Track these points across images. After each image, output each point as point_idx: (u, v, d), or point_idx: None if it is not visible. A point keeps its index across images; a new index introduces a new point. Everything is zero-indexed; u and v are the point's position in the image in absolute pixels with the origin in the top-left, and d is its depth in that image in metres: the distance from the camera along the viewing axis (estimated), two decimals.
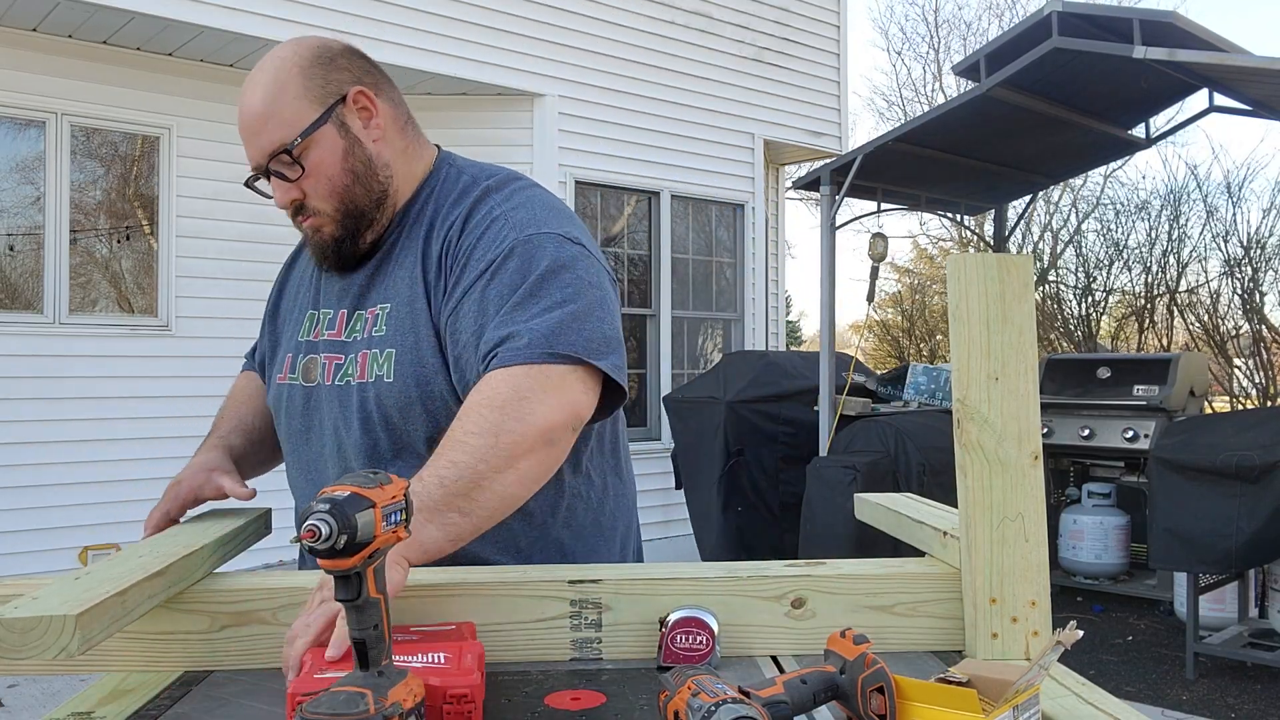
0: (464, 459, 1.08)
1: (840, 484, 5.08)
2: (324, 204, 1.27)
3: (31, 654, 0.83)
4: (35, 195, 5.49)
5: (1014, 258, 1.08)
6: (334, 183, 1.26)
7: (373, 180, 1.28)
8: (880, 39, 36.19)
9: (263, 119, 1.24)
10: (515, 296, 1.18)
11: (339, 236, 1.29)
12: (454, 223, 1.26)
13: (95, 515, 5.38)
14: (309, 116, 1.24)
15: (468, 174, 1.34)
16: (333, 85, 1.27)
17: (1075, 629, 0.79)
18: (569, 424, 1.16)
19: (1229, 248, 9.59)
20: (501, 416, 1.10)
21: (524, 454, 1.11)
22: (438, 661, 0.92)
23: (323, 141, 1.25)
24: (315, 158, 1.25)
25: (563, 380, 1.15)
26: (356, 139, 1.27)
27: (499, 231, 1.23)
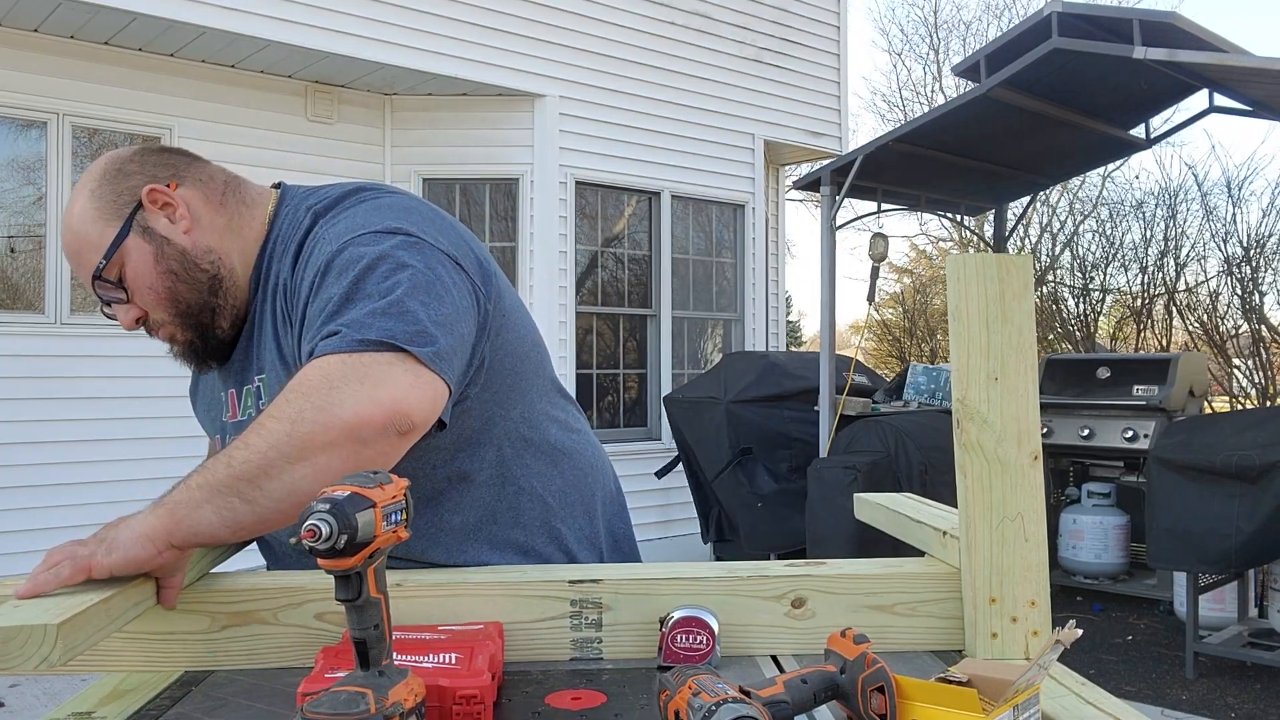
0: (258, 443, 1.00)
1: (841, 484, 5.08)
2: (160, 313, 1.24)
3: (12, 664, 0.82)
4: (37, 195, 5.49)
5: (1014, 258, 1.08)
6: (156, 290, 1.23)
7: (195, 272, 1.24)
8: (880, 39, 36.23)
9: (75, 252, 1.23)
10: (333, 306, 1.10)
11: (190, 338, 1.26)
12: (283, 268, 1.23)
13: (95, 515, 5.35)
14: (108, 235, 1.21)
15: (302, 208, 1.28)
16: (124, 195, 1.23)
17: (1074, 628, 0.79)
18: (387, 422, 1.02)
19: (1228, 247, 9.59)
20: (304, 404, 1.01)
21: (323, 447, 1.01)
22: (448, 662, 0.92)
23: (130, 254, 1.22)
24: (129, 272, 1.22)
25: (382, 371, 1.03)
26: (164, 239, 1.23)
27: (319, 253, 1.17)
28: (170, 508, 1.01)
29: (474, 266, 1.23)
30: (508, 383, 1.28)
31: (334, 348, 1.05)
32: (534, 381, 1.33)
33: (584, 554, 1.35)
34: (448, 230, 1.23)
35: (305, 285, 1.17)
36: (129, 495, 5.46)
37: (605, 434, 6.96)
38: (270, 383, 1.24)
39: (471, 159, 6.56)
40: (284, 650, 1.08)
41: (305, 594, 1.08)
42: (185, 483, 1.03)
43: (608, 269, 7.21)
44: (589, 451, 1.41)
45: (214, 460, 1.03)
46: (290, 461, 1.00)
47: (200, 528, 1.00)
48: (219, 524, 1.00)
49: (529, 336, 1.34)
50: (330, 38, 5.73)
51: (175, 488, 1.03)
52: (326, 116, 6.34)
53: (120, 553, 0.98)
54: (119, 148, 1.42)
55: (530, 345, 1.34)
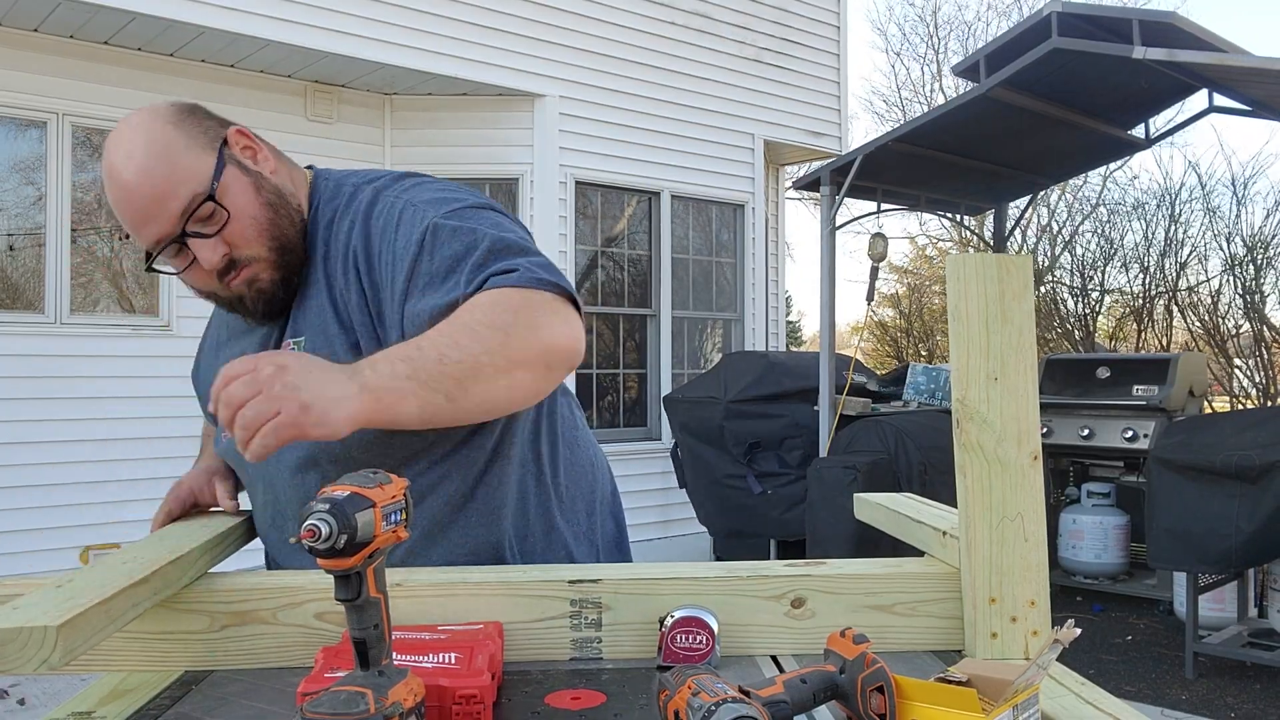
0: (471, 346, 1.02)
1: (841, 484, 5.08)
2: (256, 248, 1.19)
3: (11, 665, 0.81)
4: (36, 195, 5.49)
5: (1013, 258, 1.08)
6: (259, 220, 1.19)
7: (289, 209, 1.23)
8: (879, 40, 36.22)
9: (162, 183, 1.14)
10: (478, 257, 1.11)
11: (274, 280, 1.22)
12: (353, 230, 1.21)
13: (95, 515, 5.38)
14: (206, 163, 1.17)
15: (346, 184, 1.29)
16: (210, 131, 1.20)
17: (1073, 628, 0.79)
18: (569, 354, 1.10)
19: (1231, 247, 9.58)
20: (513, 319, 1.05)
21: (523, 364, 1.06)
22: (448, 662, 0.92)
23: (232, 184, 1.18)
24: (233, 200, 1.17)
25: (565, 310, 1.11)
26: (258, 173, 1.22)
27: (413, 215, 1.17)
28: (377, 395, 0.98)
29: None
30: None
31: (521, 281, 1.07)
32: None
33: (580, 550, 1.35)
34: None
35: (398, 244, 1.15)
36: (129, 495, 5.49)
37: (605, 434, 6.97)
38: (310, 347, 1.20)
39: (471, 159, 6.55)
40: (284, 650, 1.08)
41: (305, 594, 1.08)
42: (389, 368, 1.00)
43: (607, 269, 7.21)
44: (590, 450, 1.42)
45: (417, 350, 1.02)
46: (498, 370, 1.04)
47: (400, 418, 1.01)
48: (418, 417, 1.02)
49: None
50: (330, 38, 5.73)
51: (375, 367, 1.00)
52: (326, 116, 6.34)
53: (329, 429, 0.95)
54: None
55: None
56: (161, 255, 1.19)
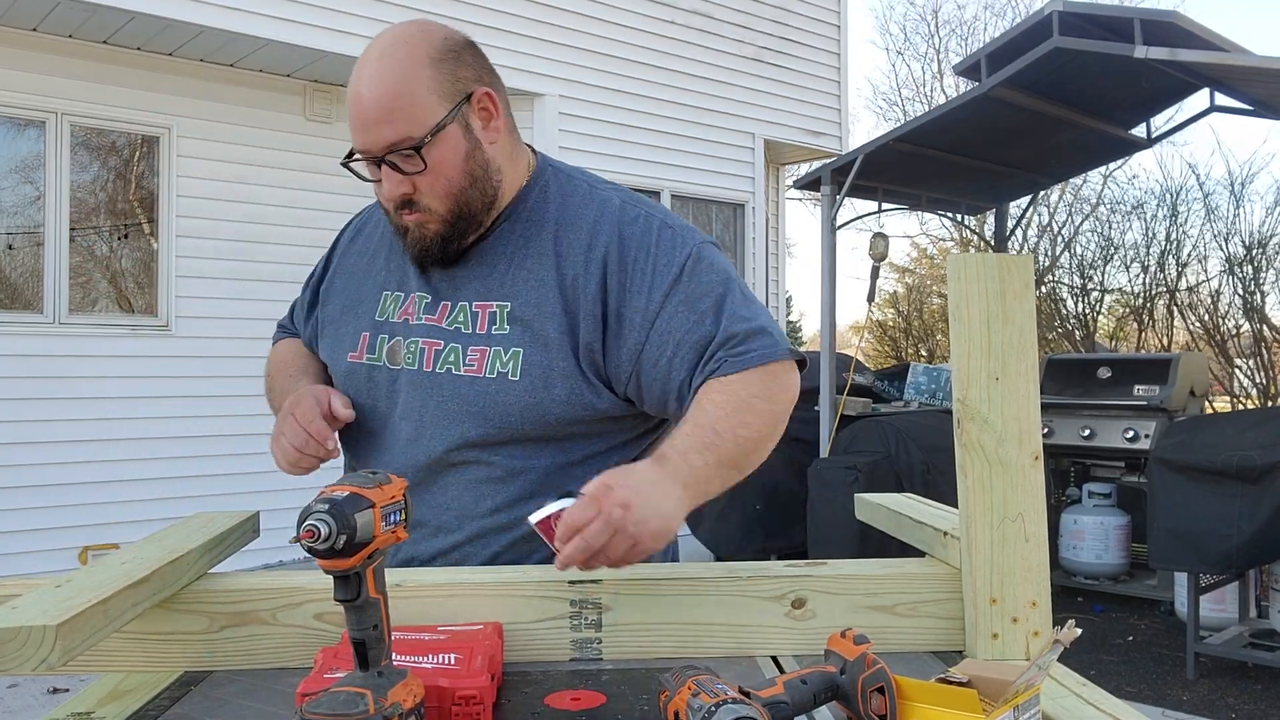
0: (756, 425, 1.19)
1: (842, 484, 5.08)
2: (437, 203, 1.23)
3: (10, 665, 0.81)
4: (35, 195, 5.49)
5: (1014, 258, 1.08)
6: (451, 184, 1.22)
7: (487, 184, 1.26)
8: (881, 39, 36.26)
9: (389, 109, 1.18)
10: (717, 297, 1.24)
11: (445, 236, 1.25)
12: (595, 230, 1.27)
13: (95, 515, 5.38)
14: (438, 114, 1.20)
15: (575, 177, 1.35)
16: (460, 83, 1.22)
17: (1073, 628, 0.79)
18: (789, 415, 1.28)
19: (1230, 246, 9.57)
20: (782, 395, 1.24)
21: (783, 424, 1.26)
22: (448, 663, 0.92)
23: (447, 141, 1.21)
24: (438, 156, 1.20)
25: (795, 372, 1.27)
26: (478, 141, 1.24)
27: (671, 239, 1.27)
28: (697, 485, 1.13)
29: None
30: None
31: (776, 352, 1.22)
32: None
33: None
34: None
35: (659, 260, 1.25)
36: (129, 495, 5.49)
37: None
38: (519, 315, 1.24)
39: None
40: (283, 650, 1.08)
41: (304, 594, 1.08)
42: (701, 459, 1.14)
43: None
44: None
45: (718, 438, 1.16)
46: (769, 439, 1.22)
47: (707, 497, 1.16)
48: (717, 490, 1.18)
49: None
50: (330, 37, 5.73)
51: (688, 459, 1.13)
52: (325, 116, 6.33)
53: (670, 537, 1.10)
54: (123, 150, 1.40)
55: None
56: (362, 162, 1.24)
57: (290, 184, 6.18)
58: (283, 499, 3.93)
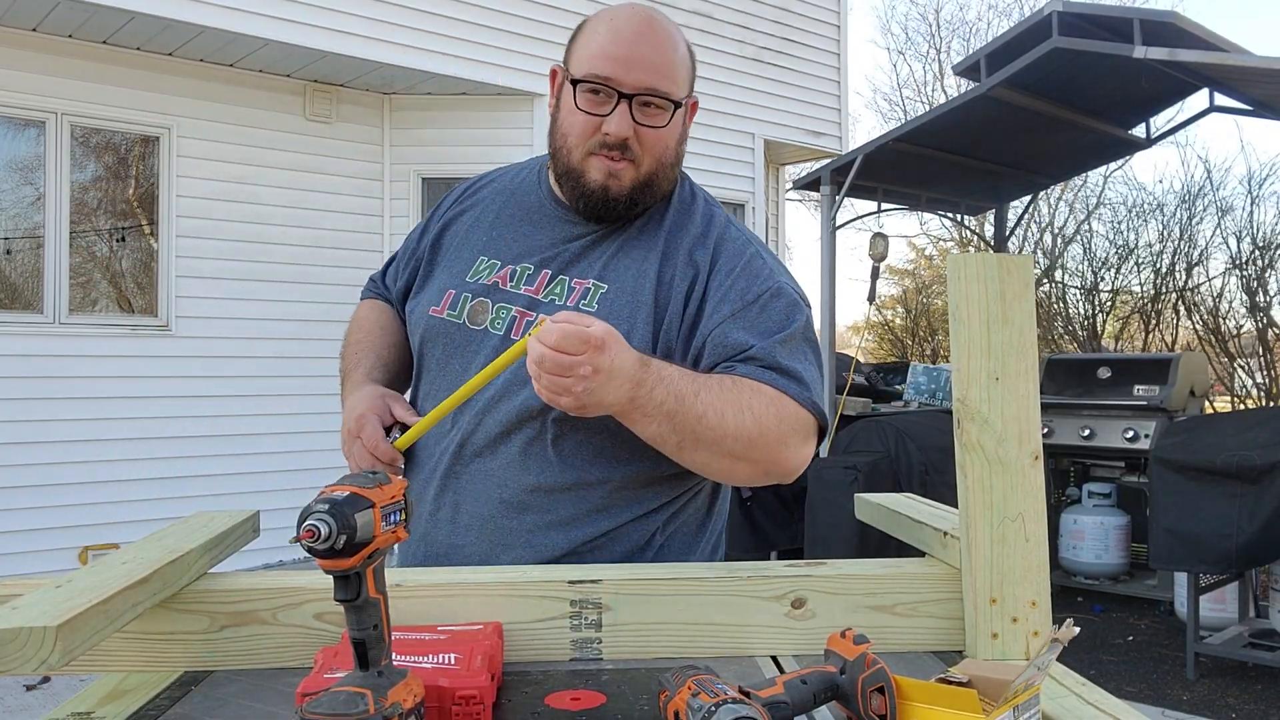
0: (730, 425, 1.17)
1: (841, 484, 5.08)
2: (648, 159, 1.30)
3: (10, 666, 0.81)
4: (35, 195, 5.49)
5: (1014, 258, 1.08)
6: (667, 152, 1.32)
7: (675, 170, 1.36)
8: (882, 38, 36.28)
9: (665, 63, 1.29)
10: (783, 335, 1.26)
11: (629, 195, 1.31)
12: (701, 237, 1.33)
13: (95, 515, 5.38)
14: (685, 90, 1.33)
15: (699, 195, 1.41)
16: (691, 82, 1.36)
17: (1071, 627, 0.79)
18: (786, 474, 1.25)
19: (1241, 246, 9.54)
20: (775, 428, 1.20)
21: (751, 462, 1.21)
22: (448, 662, 0.92)
23: (679, 117, 1.32)
24: (671, 125, 1.31)
25: (810, 439, 1.26)
26: (685, 134, 1.37)
27: (758, 269, 1.31)
28: (635, 407, 1.14)
29: None
30: None
31: (803, 398, 1.23)
32: None
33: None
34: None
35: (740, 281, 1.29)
36: (129, 495, 5.49)
37: None
38: (612, 297, 1.28)
39: (470, 158, 6.54)
40: (283, 650, 1.08)
41: (304, 594, 1.08)
42: (663, 397, 1.14)
43: None
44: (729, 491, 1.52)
45: (694, 397, 1.16)
46: (728, 454, 1.19)
47: (637, 428, 1.17)
48: (650, 437, 1.18)
49: None
50: (329, 37, 5.73)
51: (653, 392, 1.14)
52: (325, 116, 6.33)
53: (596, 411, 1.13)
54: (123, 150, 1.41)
55: None
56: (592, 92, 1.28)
57: (290, 184, 6.18)
58: (283, 499, 3.94)
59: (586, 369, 1.07)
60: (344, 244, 6.39)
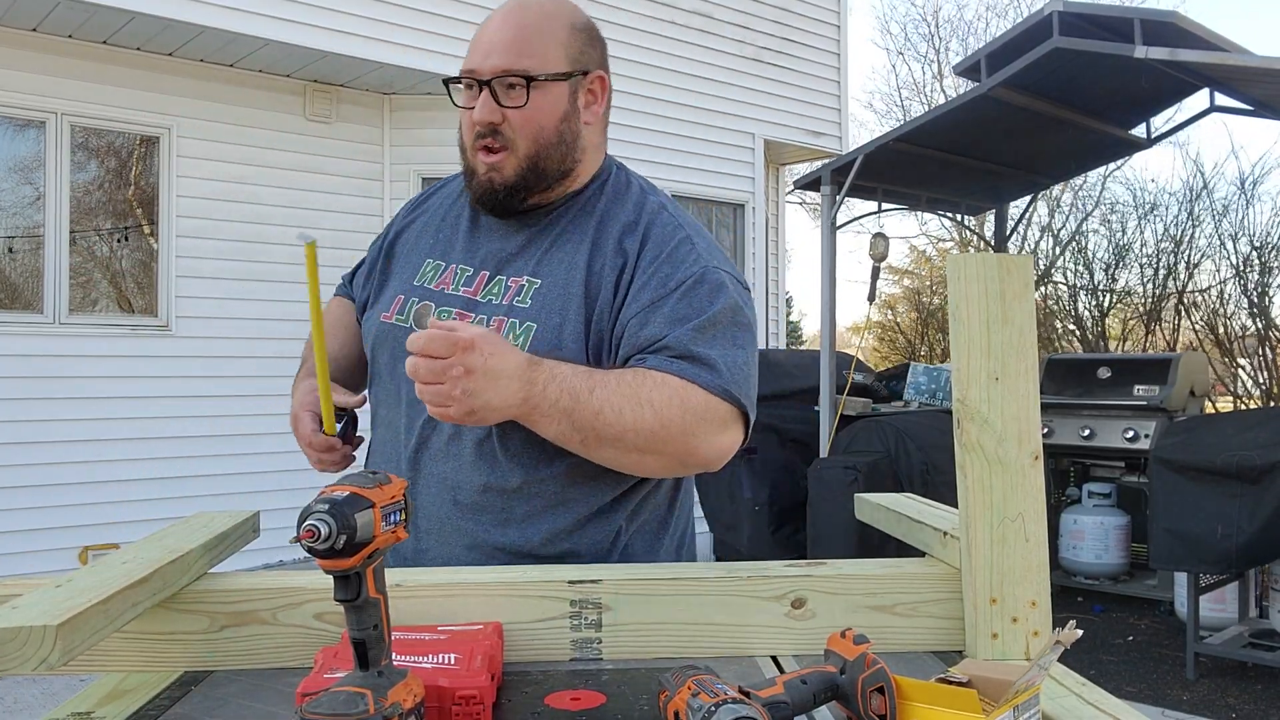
0: (628, 420, 1.15)
1: (841, 484, 5.08)
2: (522, 143, 1.29)
3: (10, 665, 0.81)
4: (35, 195, 5.49)
5: (1014, 258, 1.08)
6: (542, 132, 1.29)
7: (569, 153, 1.32)
8: (881, 39, 36.30)
9: (517, 40, 1.27)
10: (700, 320, 1.23)
11: (513, 184, 1.30)
12: (632, 224, 1.31)
13: (95, 515, 5.38)
14: (558, 66, 1.29)
15: (635, 182, 1.39)
16: (585, 57, 1.32)
17: (1074, 629, 0.79)
18: (707, 464, 1.23)
19: (1239, 248, 9.55)
20: (679, 417, 1.17)
21: (662, 454, 1.19)
22: (448, 662, 0.92)
23: (553, 93, 1.28)
24: (540, 101, 1.27)
25: (729, 427, 1.23)
26: (577, 111, 1.32)
27: (686, 254, 1.28)
28: (532, 408, 1.14)
29: None
30: None
31: (713, 387, 1.20)
32: None
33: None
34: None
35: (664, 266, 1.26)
36: (128, 495, 5.49)
37: None
38: (544, 292, 1.28)
39: None
40: (283, 650, 1.08)
41: (304, 594, 1.08)
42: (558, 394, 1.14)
43: None
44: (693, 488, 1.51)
45: (589, 394, 1.15)
46: (634, 449, 1.17)
47: (539, 429, 1.17)
48: (554, 437, 1.18)
49: None
50: (329, 37, 5.73)
51: (548, 382, 1.14)
52: (325, 116, 6.33)
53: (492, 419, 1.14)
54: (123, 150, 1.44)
55: None
56: (467, 87, 1.30)
57: (290, 184, 6.18)
58: (283, 499, 3.93)
59: (458, 369, 1.08)
60: (344, 244, 6.36)
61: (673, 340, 1.21)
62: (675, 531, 1.40)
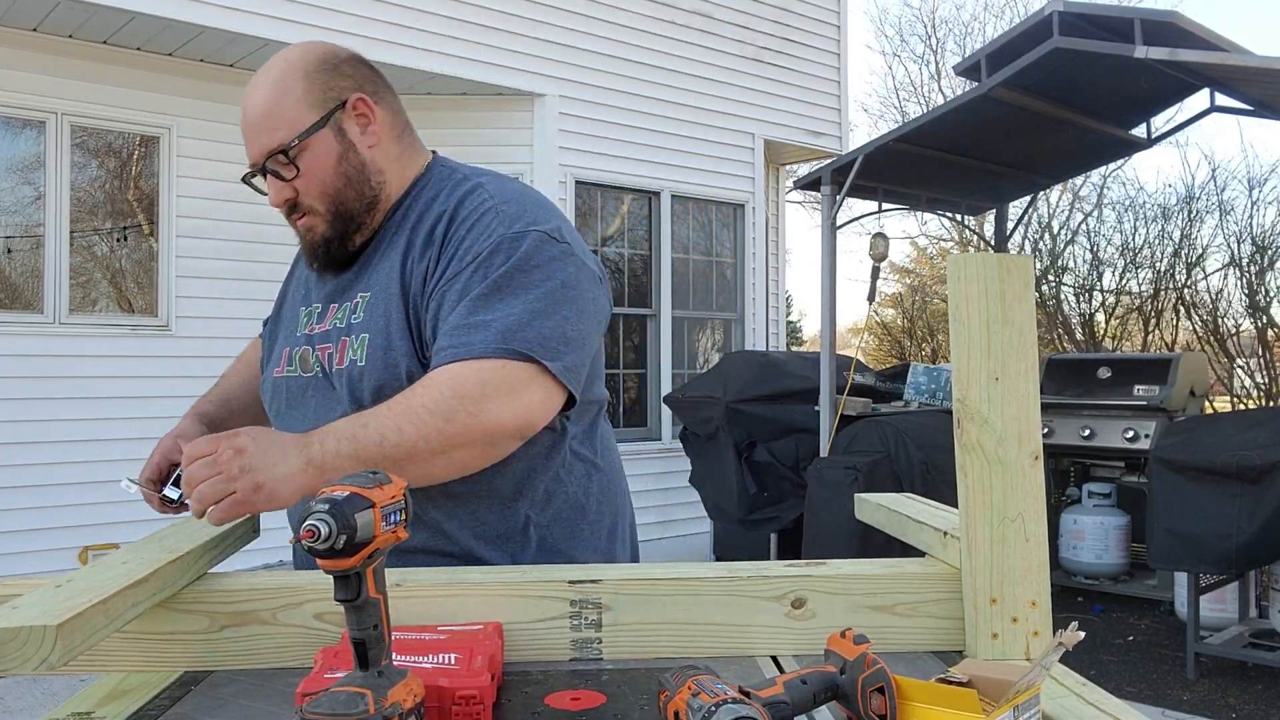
0: (410, 432, 1.12)
1: (841, 484, 5.08)
2: (318, 203, 1.31)
3: (10, 665, 0.81)
4: (35, 195, 5.49)
5: (1014, 258, 1.08)
6: (326, 185, 1.30)
7: (364, 185, 1.32)
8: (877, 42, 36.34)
9: (264, 119, 1.29)
10: (484, 287, 1.20)
11: (329, 237, 1.33)
12: (444, 212, 1.29)
13: (95, 515, 5.38)
14: (308, 120, 1.29)
15: (460, 172, 1.38)
16: (334, 91, 1.31)
17: (1076, 630, 0.79)
18: (517, 430, 1.19)
19: (1242, 248, 9.54)
20: (458, 406, 1.14)
21: (464, 445, 1.15)
22: (448, 662, 0.92)
23: (319, 145, 1.29)
24: (310, 160, 1.29)
25: (524, 386, 1.18)
26: (352, 144, 1.32)
27: (489, 224, 1.26)
28: (320, 470, 1.10)
29: (607, 284, 1.34)
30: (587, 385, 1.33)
31: (487, 351, 1.16)
32: (599, 390, 1.42)
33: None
34: (583, 243, 1.36)
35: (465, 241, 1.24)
36: (128, 495, 5.47)
37: None
38: (372, 302, 1.29)
39: (471, 158, 6.39)
40: (283, 650, 1.08)
41: (304, 594, 1.08)
42: (335, 445, 1.12)
43: (608, 269, 7.21)
44: (619, 479, 1.47)
45: (363, 429, 1.13)
46: (434, 454, 1.14)
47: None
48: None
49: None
50: (330, 38, 5.72)
51: (323, 440, 1.12)
52: None
53: (279, 503, 1.10)
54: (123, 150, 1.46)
55: (598, 362, 1.41)
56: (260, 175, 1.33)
57: None
58: None
59: (228, 453, 1.08)
60: None
61: (455, 318, 1.20)
62: (602, 521, 1.39)
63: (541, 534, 1.32)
